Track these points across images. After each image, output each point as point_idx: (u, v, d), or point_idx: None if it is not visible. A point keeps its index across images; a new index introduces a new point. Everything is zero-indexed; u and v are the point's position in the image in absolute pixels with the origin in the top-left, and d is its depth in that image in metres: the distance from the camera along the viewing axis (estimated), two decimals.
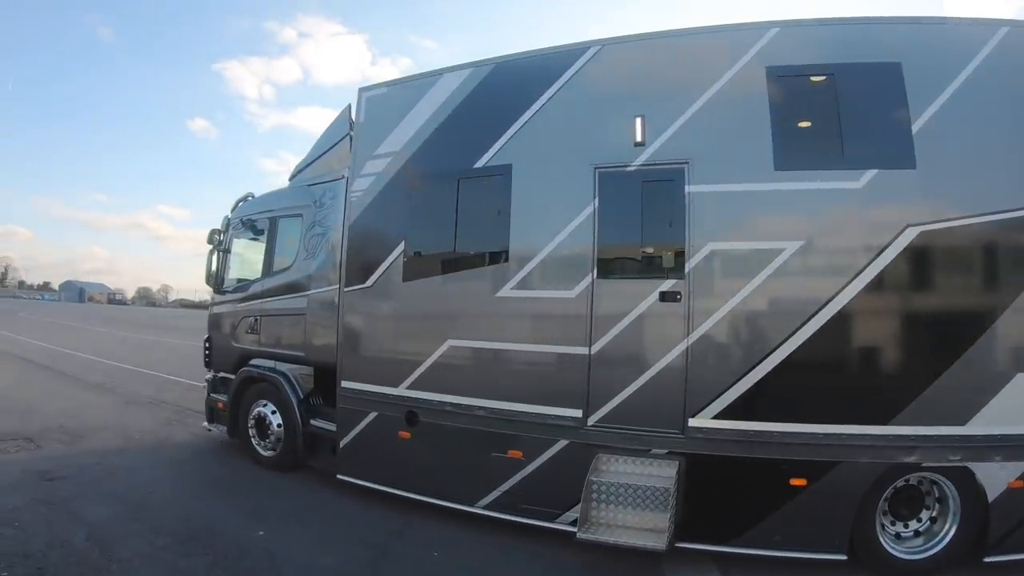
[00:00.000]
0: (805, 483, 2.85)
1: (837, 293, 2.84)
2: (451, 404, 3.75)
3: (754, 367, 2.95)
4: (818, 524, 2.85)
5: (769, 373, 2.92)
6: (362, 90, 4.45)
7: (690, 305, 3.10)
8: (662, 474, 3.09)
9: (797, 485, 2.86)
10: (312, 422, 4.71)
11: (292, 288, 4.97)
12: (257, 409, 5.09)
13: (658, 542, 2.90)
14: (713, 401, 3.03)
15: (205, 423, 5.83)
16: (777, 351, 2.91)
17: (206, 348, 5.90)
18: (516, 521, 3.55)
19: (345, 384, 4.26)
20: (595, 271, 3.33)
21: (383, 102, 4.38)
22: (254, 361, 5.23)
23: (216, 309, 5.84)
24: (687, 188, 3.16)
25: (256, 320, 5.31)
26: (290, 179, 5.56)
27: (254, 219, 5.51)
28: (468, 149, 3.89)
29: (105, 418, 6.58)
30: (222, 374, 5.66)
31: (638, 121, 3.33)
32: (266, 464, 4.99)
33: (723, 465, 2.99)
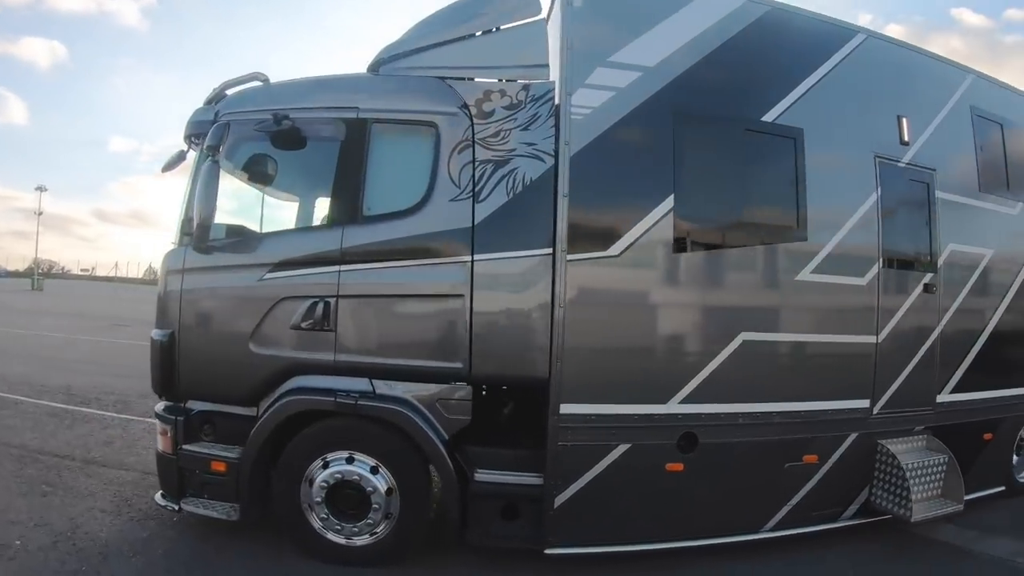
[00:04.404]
0: (992, 436, 3.73)
1: (1009, 287, 3.78)
2: (744, 415, 2.98)
3: (970, 349, 3.62)
4: (993, 467, 3.75)
5: (977, 354, 3.63)
6: None
7: (940, 296, 3.52)
8: (932, 447, 3.41)
9: (988, 439, 3.71)
10: (477, 475, 2.80)
11: (421, 249, 2.84)
12: (334, 469, 2.80)
13: (959, 503, 3.26)
14: (950, 379, 3.54)
15: (159, 496, 3.10)
16: (983, 334, 3.66)
17: (161, 357, 2.94)
18: (795, 534, 3.16)
19: (569, 408, 2.75)
20: (881, 259, 3.31)
21: None
22: (307, 381, 2.83)
23: (195, 281, 2.97)
24: (936, 194, 3.55)
25: (325, 305, 2.82)
26: (374, 66, 3.16)
27: (298, 121, 2.89)
28: (753, 95, 3.16)
29: None
30: (211, 407, 2.96)
31: (904, 121, 3.50)
32: (359, 558, 2.81)
33: (951, 431, 3.53)
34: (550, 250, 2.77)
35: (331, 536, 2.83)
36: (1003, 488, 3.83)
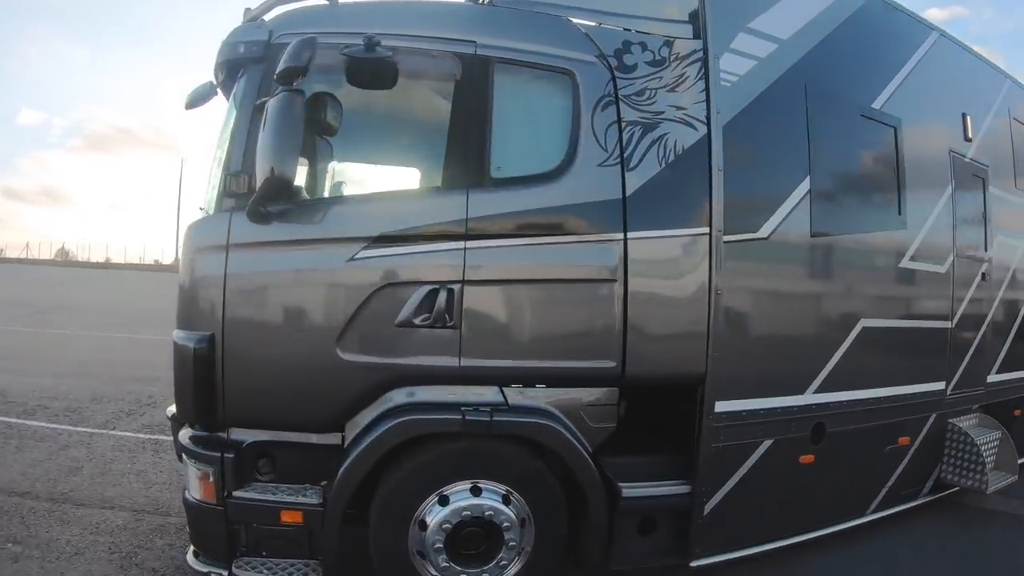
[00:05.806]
0: (1021, 413, 4.12)
1: None
2: (862, 401, 2.99)
3: (1010, 333, 3.97)
4: (1021, 440, 4.07)
5: (1014, 337, 3.99)
6: None
7: (991, 284, 3.79)
8: (985, 424, 3.68)
9: (1017, 415, 4.09)
10: (626, 491, 2.45)
11: (568, 223, 2.40)
12: (458, 505, 2.27)
13: (1014, 474, 3.54)
14: (996, 360, 3.86)
15: (192, 558, 2.35)
16: (1018, 319, 4.03)
17: (196, 370, 2.18)
18: (881, 516, 3.25)
19: (724, 406, 2.54)
20: (955, 250, 3.49)
21: None
22: (416, 394, 2.31)
23: (246, 262, 2.27)
24: (990, 188, 3.81)
25: (447, 294, 2.27)
26: None
27: (396, 50, 2.25)
28: (865, 80, 3.16)
29: None
30: (269, 435, 2.31)
31: (968, 118, 3.69)
32: None
33: (994, 409, 3.86)
34: (706, 229, 2.47)
35: None
36: None
